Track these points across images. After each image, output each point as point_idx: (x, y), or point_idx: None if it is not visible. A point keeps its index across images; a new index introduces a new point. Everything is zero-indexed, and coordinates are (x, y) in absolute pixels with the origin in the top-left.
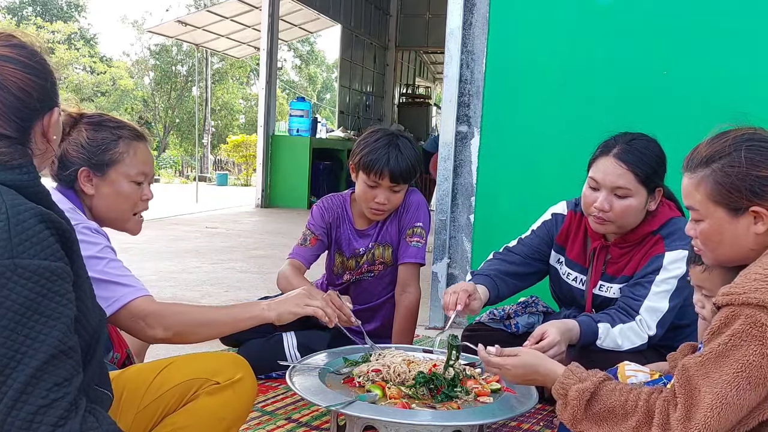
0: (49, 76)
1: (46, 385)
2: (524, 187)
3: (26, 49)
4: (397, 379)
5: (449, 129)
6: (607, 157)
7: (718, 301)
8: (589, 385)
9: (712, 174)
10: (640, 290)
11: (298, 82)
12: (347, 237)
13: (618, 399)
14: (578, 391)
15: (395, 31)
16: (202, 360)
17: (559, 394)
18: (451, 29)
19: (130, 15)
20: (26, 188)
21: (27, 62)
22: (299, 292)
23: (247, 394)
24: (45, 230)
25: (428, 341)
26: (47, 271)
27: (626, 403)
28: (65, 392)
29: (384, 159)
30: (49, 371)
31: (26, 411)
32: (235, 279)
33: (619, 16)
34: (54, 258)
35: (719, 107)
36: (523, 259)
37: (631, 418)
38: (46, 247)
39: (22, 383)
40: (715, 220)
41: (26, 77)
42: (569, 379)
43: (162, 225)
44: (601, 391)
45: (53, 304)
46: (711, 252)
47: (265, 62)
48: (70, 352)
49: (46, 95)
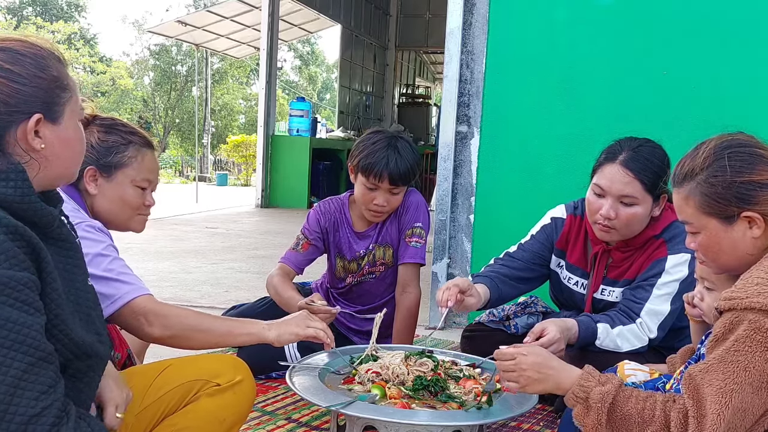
0: (33, 81)
1: (31, 394)
2: (524, 187)
3: (11, 52)
4: (396, 380)
5: (449, 129)
6: (613, 164)
7: (720, 305)
8: (611, 389)
9: (698, 186)
10: (642, 293)
11: (298, 83)
12: (347, 240)
13: (635, 407)
14: (601, 394)
15: (395, 31)
16: (203, 361)
17: (578, 398)
18: (451, 29)
19: (130, 15)
20: (8, 203)
21: (3, 66)
22: (301, 314)
23: (247, 396)
24: (8, 241)
25: (428, 341)
26: (12, 279)
27: (643, 412)
28: (53, 399)
29: (383, 161)
30: (30, 380)
31: (17, 422)
32: (235, 279)
33: (619, 16)
34: (19, 268)
35: (719, 107)
36: (525, 264)
37: (647, 427)
38: (10, 257)
39: (5, 394)
40: (710, 231)
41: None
42: (589, 381)
43: (162, 225)
44: (619, 396)
45: (23, 313)
46: (713, 262)
47: (265, 62)
48: (49, 358)
49: (22, 101)
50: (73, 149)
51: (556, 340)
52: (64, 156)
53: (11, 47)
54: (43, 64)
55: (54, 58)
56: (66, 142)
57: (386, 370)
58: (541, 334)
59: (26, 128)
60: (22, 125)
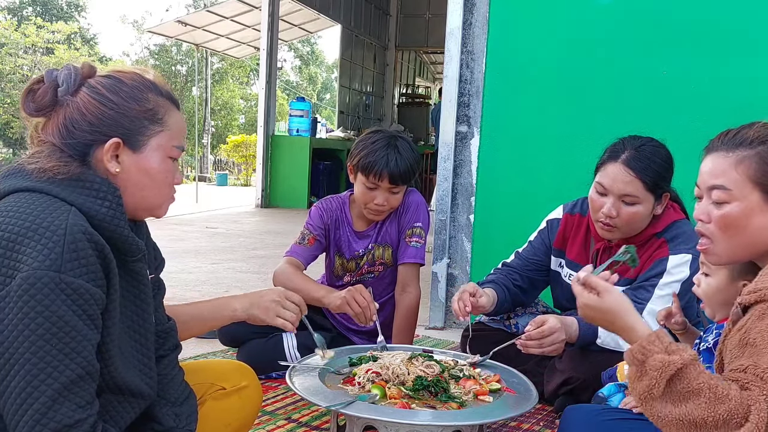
0: (122, 108)
1: (70, 405)
2: (524, 187)
3: (114, 80)
4: (396, 380)
5: (449, 129)
6: (615, 163)
7: (744, 300)
8: (677, 360)
9: (758, 154)
10: (643, 293)
11: (298, 83)
12: (347, 239)
13: (707, 382)
14: (662, 362)
15: (395, 31)
16: (209, 365)
17: (635, 359)
18: (451, 29)
19: (129, 15)
20: (99, 221)
21: (100, 90)
22: (274, 298)
23: (252, 401)
24: (93, 256)
25: (428, 341)
26: (87, 291)
27: (717, 389)
28: (88, 414)
29: (383, 161)
30: (74, 391)
31: (51, 428)
32: (235, 279)
33: (619, 16)
34: (95, 284)
35: (719, 107)
36: (522, 274)
37: (720, 405)
38: (91, 270)
39: (49, 398)
40: (746, 203)
41: (91, 102)
42: (654, 345)
43: (162, 225)
44: (689, 369)
45: (86, 326)
46: (725, 240)
47: (265, 62)
48: (95, 375)
49: (107, 125)
50: (152, 179)
51: (557, 329)
52: (142, 184)
53: (118, 77)
54: (140, 97)
55: (157, 92)
56: (145, 171)
57: (386, 370)
58: (542, 323)
59: (104, 149)
60: (102, 146)
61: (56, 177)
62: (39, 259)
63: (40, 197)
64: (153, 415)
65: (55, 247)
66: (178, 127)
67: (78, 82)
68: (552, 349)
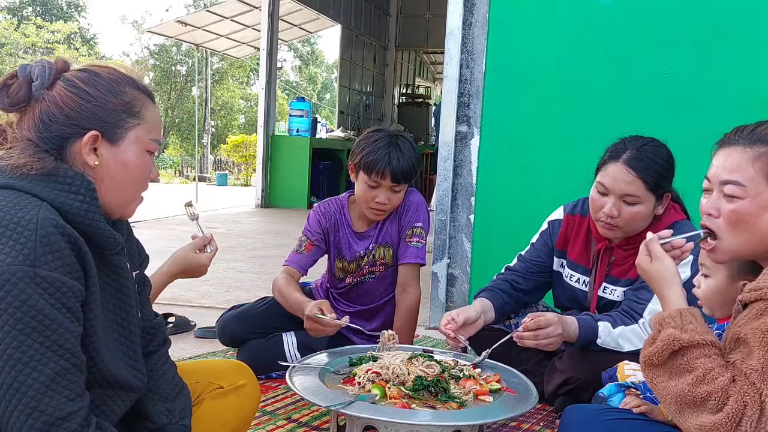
0: (99, 101)
1: (60, 397)
2: (524, 187)
3: (90, 74)
4: (396, 380)
5: (449, 129)
6: (616, 162)
7: (745, 297)
8: (686, 338)
9: None
10: (645, 294)
11: (298, 83)
12: (347, 241)
13: (705, 364)
14: (671, 336)
15: (395, 31)
16: (206, 364)
17: (654, 328)
18: (451, 29)
19: (129, 15)
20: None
21: (77, 83)
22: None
23: (250, 400)
24: (68, 249)
25: (428, 341)
26: (64, 285)
27: (709, 372)
28: (80, 406)
29: (385, 159)
30: (62, 383)
31: (42, 421)
32: (235, 279)
33: (619, 16)
34: (71, 276)
35: (719, 107)
36: (525, 277)
37: (703, 386)
38: (66, 263)
39: (37, 391)
40: (759, 200)
41: (69, 95)
42: (672, 320)
43: (162, 225)
44: (695, 349)
45: (66, 318)
46: (732, 236)
47: (265, 62)
48: (81, 367)
49: (85, 118)
50: (129, 173)
51: (554, 323)
52: (119, 178)
53: (95, 70)
54: (117, 90)
55: (134, 86)
56: (123, 165)
57: (386, 370)
58: (540, 316)
59: (82, 142)
60: (80, 139)
61: (30, 173)
62: (12, 255)
63: (10, 194)
64: (146, 412)
65: (27, 242)
66: (154, 121)
67: (53, 76)
68: (547, 342)
